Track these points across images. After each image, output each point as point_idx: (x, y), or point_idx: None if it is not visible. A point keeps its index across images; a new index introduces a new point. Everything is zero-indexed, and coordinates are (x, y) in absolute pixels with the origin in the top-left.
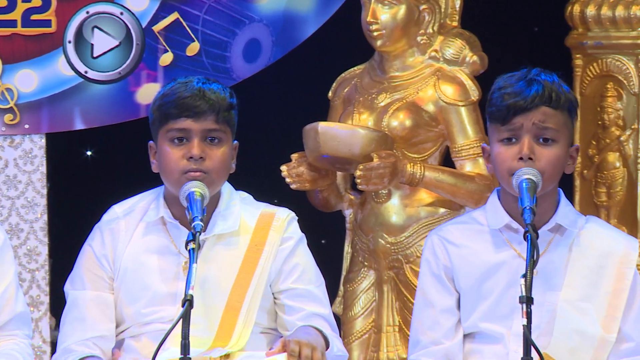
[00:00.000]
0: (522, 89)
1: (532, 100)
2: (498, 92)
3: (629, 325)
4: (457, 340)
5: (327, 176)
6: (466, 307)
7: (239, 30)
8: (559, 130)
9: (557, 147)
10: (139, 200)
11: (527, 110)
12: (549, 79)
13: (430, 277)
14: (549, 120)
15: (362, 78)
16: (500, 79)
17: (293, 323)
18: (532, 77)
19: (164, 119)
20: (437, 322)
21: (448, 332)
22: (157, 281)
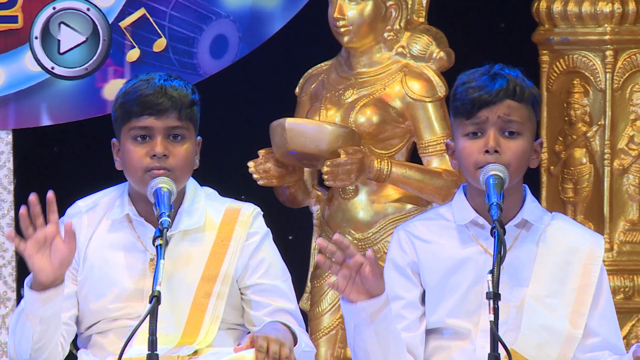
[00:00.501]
0: (486, 83)
1: (497, 94)
2: (462, 87)
3: (595, 321)
4: (419, 333)
5: (294, 172)
6: (431, 302)
7: (205, 26)
8: (523, 123)
9: (522, 140)
10: (103, 195)
11: (491, 104)
12: (513, 73)
13: (396, 270)
14: (513, 114)
15: (329, 74)
16: (463, 75)
17: (260, 318)
18: (496, 71)
19: (127, 117)
20: (401, 314)
21: (411, 324)
22: (124, 278)
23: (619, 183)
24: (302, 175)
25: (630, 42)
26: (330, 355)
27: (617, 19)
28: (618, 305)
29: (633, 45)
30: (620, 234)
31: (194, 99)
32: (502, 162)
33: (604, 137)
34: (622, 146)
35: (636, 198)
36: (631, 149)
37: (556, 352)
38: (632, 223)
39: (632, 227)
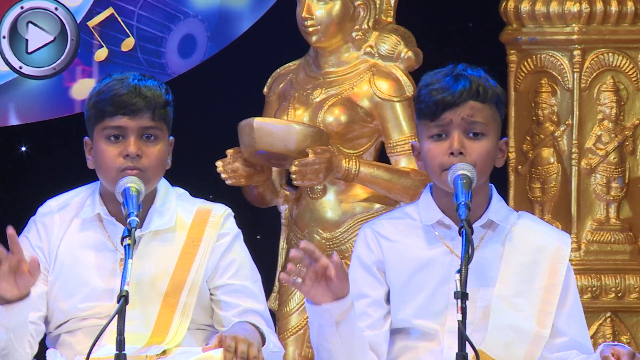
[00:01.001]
0: (449, 84)
1: (460, 95)
2: (425, 89)
3: (562, 320)
4: (383, 331)
5: (262, 172)
6: (396, 302)
7: (174, 25)
8: (487, 124)
9: (487, 141)
10: (74, 195)
11: (455, 106)
12: (476, 73)
13: (361, 268)
14: (477, 114)
15: (298, 74)
16: (426, 76)
17: (229, 319)
18: (459, 72)
19: (100, 117)
20: (365, 312)
21: (375, 323)
22: (94, 277)
23: (587, 182)
24: (270, 174)
25: (598, 41)
26: (298, 355)
27: (585, 18)
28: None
29: (601, 44)
30: (587, 234)
31: (168, 99)
32: (467, 163)
33: (571, 137)
34: (590, 146)
35: (603, 198)
36: (598, 149)
37: (523, 352)
38: (600, 222)
39: (600, 227)
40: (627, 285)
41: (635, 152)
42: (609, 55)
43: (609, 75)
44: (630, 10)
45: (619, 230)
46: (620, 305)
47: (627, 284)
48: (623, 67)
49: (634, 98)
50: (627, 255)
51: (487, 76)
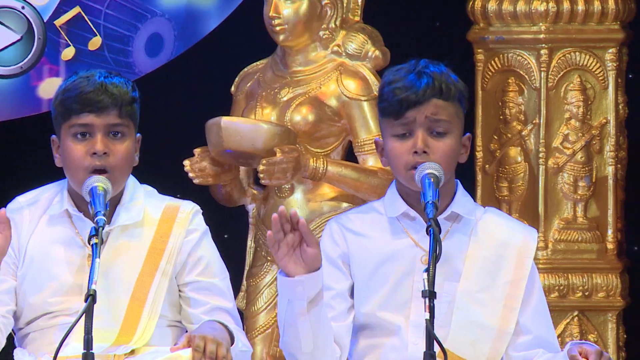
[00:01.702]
0: (412, 82)
1: (424, 94)
2: (388, 87)
3: (528, 318)
4: (346, 324)
5: (229, 171)
6: (361, 295)
7: (141, 24)
8: (451, 121)
9: (450, 139)
10: (43, 191)
11: (419, 104)
12: (438, 70)
13: (327, 261)
14: (441, 112)
15: (265, 73)
16: (389, 73)
17: (197, 316)
18: (421, 69)
19: (67, 114)
20: (330, 305)
21: (339, 315)
22: (63, 272)
23: (554, 182)
24: (238, 174)
25: (565, 40)
26: (267, 354)
27: (552, 17)
28: (553, 303)
29: (567, 44)
30: (555, 233)
31: (134, 96)
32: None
33: (538, 136)
34: (557, 145)
35: (571, 197)
36: (566, 148)
37: (488, 349)
38: (567, 221)
39: (567, 226)
40: (594, 284)
41: (602, 151)
42: (576, 54)
43: (576, 75)
44: (597, 9)
45: (586, 229)
46: (588, 304)
47: (595, 282)
48: (590, 67)
49: (600, 97)
50: (595, 254)
51: (449, 72)
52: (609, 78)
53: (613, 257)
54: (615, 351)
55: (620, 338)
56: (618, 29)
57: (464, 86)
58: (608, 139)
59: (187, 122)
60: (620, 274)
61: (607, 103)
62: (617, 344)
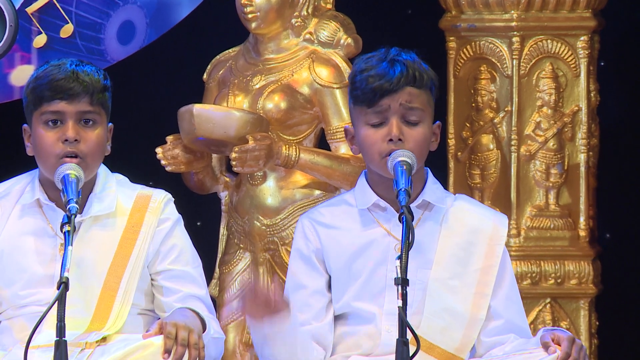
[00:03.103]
0: (385, 70)
1: (398, 82)
2: (360, 75)
3: (499, 303)
4: (327, 321)
5: (202, 158)
6: (337, 288)
7: (112, 12)
8: (424, 109)
9: (423, 127)
10: (15, 183)
11: (393, 92)
12: (410, 58)
13: (301, 259)
14: (414, 100)
15: (237, 60)
16: (359, 61)
17: (170, 304)
18: (393, 57)
19: (38, 102)
20: (308, 303)
21: (318, 313)
22: (33, 263)
23: (526, 169)
24: (210, 161)
25: (537, 28)
26: (239, 341)
27: (524, 5)
28: (525, 290)
29: (539, 31)
30: (527, 220)
31: (106, 85)
32: (406, 150)
33: (510, 124)
34: (529, 132)
35: (543, 184)
36: (538, 135)
37: (460, 335)
38: (539, 209)
39: (539, 213)
40: (566, 271)
41: (575, 139)
42: (548, 42)
43: (548, 62)
44: None
45: (559, 217)
46: (560, 291)
47: (567, 270)
48: (562, 54)
49: (572, 85)
50: (567, 241)
51: (420, 60)
52: (580, 66)
53: (585, 244)
54: (587, 338)
55: (593, 325)
56: (590, 16)
57: (435, 74)
58: (580, 127)
59: (159, 109)
60: (592, 261)
61: (579, 91)
62: (590, 331)
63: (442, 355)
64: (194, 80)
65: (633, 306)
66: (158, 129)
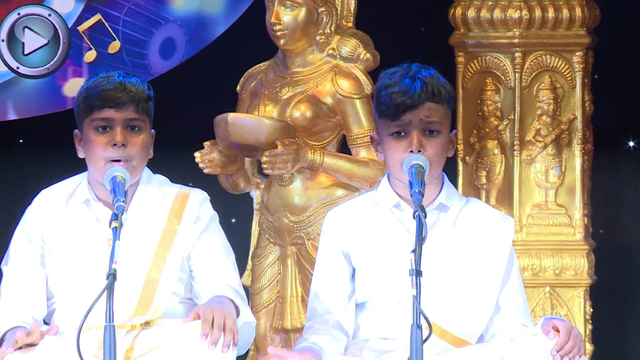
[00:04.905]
0: (407, 87)
1: (418, 98)
2: (385, 91)
3: (505, 296)
4: (349, 310)
5: (236, 162)
6: (361, 279)
7: (155, 30)
8: (442, 122)
9: (441, 137)
10: (66, 184)
11: (414, 107)
12: (429, 74)
13: (327, 252)
14: (433, 114)
15: (267, 73)
16: (384, 76)
17: (207, 293)
18: (414, 74)
19: (89, 110)
20: (332, 293)
21: (341, 302)
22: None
23: (527, 171)
24: (244, 164)
25: (537, 45)
26: (269, 326)
27: (525, 24)
28: (526, 281)
29: (539, 47)
30: (528, 217)
31: (150, 95)
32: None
33: (513, 130)
34: (530, 138)
35: (542, 185)
36: (538, 141)
37: (471, 323)
38: (539, 207)
39: (539, 211)
40: (563, 263)
41: (571, 144)
42: (547, 57)
43: (547, 75)
44: (566, 16)
45: (557, 214)
46: (558, 281)
47: (564, 262)
48: (559, 68)
49: (569, 95)
50: (564, 236)
51: (438, 75)
52: (576, 78)
53: (581, 239)
54: (582, 323)
55: (587, 312)
56: (584, 34)
57: (451, 87)
58: (576, 133)
59: (197, 117)
60: (587, 255)
61: (575, 101)
62: (584, 317)
63: (453, 341)
64: (228, 92)
65: (623, 295)
66: (196, 135)
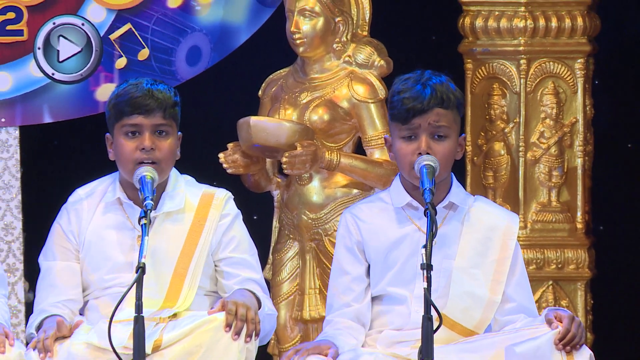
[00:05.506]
0: (419, 93)
1: (428, 104)
2: (398, 96)
3: (512, 288)
4: (366, 303)
5: (258, 162)
6: (375, 274)
7: (182, 38)
8: (450, 127)
9: (449, 141)
10: (98, 184)
11: (424, 112)
12: (439, 81)
13: (344, 249)
14: (442, 119)
15: (287, 79)
16: (398, 82)
17: (230, 286)
18: (425, 81)
19: (119, 116)
20: (349, 288)
21: (358, 296)
22: (116, 252)
23: (532, 171)
24: (265, 164)
25: (541, 52)
26: (289, 317)
27: (530, 33)
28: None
29: (543, 55)
30: (532, 214)
31: (176, 101)
32: None
33: (519, 133)
34: (534, 140)
35: (546, 184)
36: (542, 143)
37: (479, 315)
38: (543, 205)
39: (543, 209)
40: (566, 257)
41: (573, 146)
42: (550, 64)
43: (550, 81)
44: (568, 25)
45: (559, 212)
46: (561, 274)
47: (566, 256)
48: (562, 74)
49: (571, 100)
50: (566, 232)
51: (449, 81)
52: (578, 84)
53: (582, 235)
54: (583, 314)
55: (588, 303)
56: (586, 42)
57: (461, 94)
58: (577, 135)
59: (221, 121)
60: (587, 249)
61: (577, 105)
62: (585, 308)
63: (462, 332)
64: (250, 96)
65: (622, 287)
66: (220, 138)
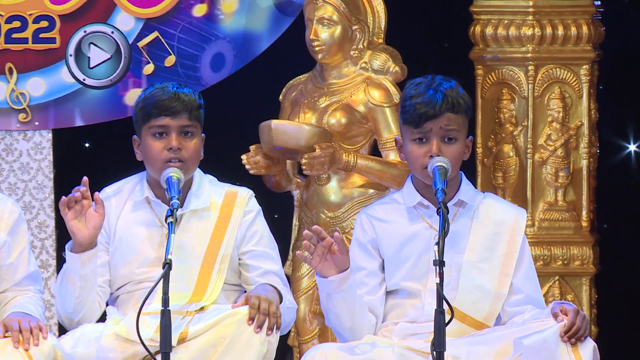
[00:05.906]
0: (430, 98)
1: (439, 109)
2: (410, 101)
3: (520, 281)
4: (379, 296)
5: (278, 163)
6: (389, 270)
7: (207, 46)
8: (459, 130)
9: (458, 144)
10: (125, 182)
11: (435, 117)
12: (449, 86)
13: (359, 247)
14: (452, 123)
15: (307, 84)
16: (409, 87)
17: (253, 279)
18: (437, 86)
19: (147, 118)
20: (364, 282)
21: (372, 289)
22: (145, 248)
23: (539, 172)
24: (285, 166)
25: (548, 59)
26: (309, 311)
27: (537, 40)
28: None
29: (550, 61)
30: (540, 213)
31: (201, 103)
32: None
33: (527, 136)
34: (542, 142)
35: (553, 184)
36: (549, 145)
37: (488, 307)
38: (550, 204)
39: (550, 208)
40: (571, 254)
41: (578, 148)
42: (557, 70)
43: (557, 86)
44: (574, 33)
45: (565, 211)
46: (566, 270)
47: (572, 253)
48: (568, 80)
49: (576, 104)
50: (572, 230)
51: (458, 86)
52: (583, 89)
53: (587, 232)
54: (588, 308)
55: (592, 298)
56: (590, 49)
57: (469, 98)
58: (582, 138)
59: (244, 124)
60: (592, 246)
61: (582, 109)
62: (590, 303)
63: (472, 324)
64: (271, 101)
65: (625, 282)
66: (243, 140)
